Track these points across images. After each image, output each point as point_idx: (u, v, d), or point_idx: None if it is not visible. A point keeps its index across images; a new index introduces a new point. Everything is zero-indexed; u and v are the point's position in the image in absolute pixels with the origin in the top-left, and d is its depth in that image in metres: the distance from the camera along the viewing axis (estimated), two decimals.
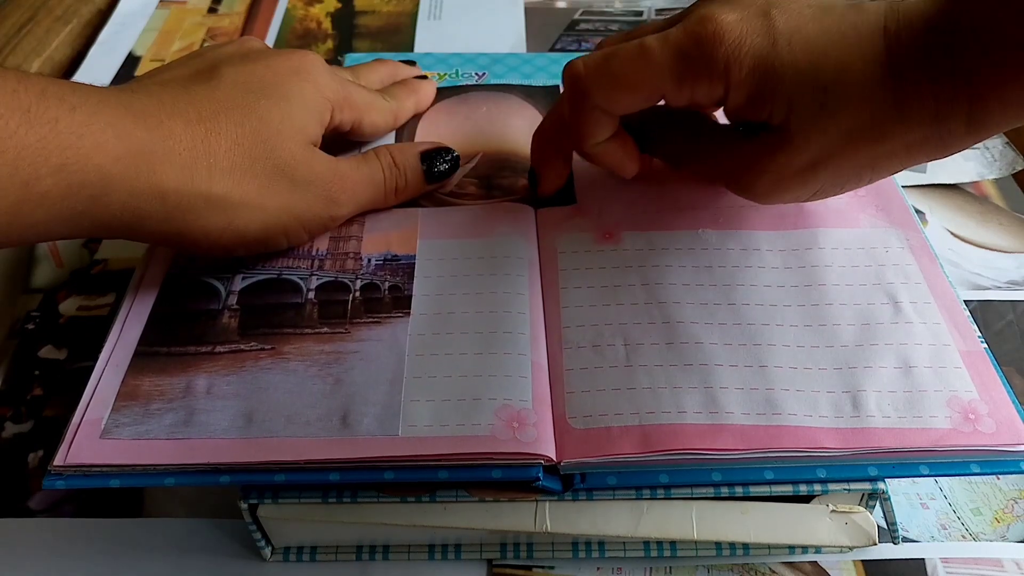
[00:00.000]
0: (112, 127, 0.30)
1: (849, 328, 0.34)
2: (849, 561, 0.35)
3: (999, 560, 0.35)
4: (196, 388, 0.33)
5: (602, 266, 0.37)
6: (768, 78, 0.31)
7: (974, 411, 0.32)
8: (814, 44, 0.30)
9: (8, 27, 0.63)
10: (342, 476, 0.31)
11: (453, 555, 0.35)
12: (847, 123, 0.30)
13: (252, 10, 0.67)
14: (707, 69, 0.31)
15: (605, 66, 0.33)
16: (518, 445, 0.31)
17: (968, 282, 0.46)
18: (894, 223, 0.39)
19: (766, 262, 0.37)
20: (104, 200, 0.30)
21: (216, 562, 0.35)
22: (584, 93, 0.34)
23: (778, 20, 0.31)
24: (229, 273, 0.37)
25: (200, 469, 0.30)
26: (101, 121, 0.30)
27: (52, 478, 0.30)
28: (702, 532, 0.33)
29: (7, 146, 0.27)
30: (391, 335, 0.35)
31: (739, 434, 0.31)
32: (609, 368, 0.33)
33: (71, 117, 0.29)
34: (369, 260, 0.38)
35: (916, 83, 0.29)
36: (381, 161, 0.39)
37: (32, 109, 0.28)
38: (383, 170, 0.39)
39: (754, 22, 0.31)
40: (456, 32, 0.64)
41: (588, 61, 0.34)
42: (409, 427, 0.31)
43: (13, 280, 0.47)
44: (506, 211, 0.40)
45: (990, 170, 0.53)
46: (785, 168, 0.33)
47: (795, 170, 0.32)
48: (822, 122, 0.31)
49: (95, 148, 0.29)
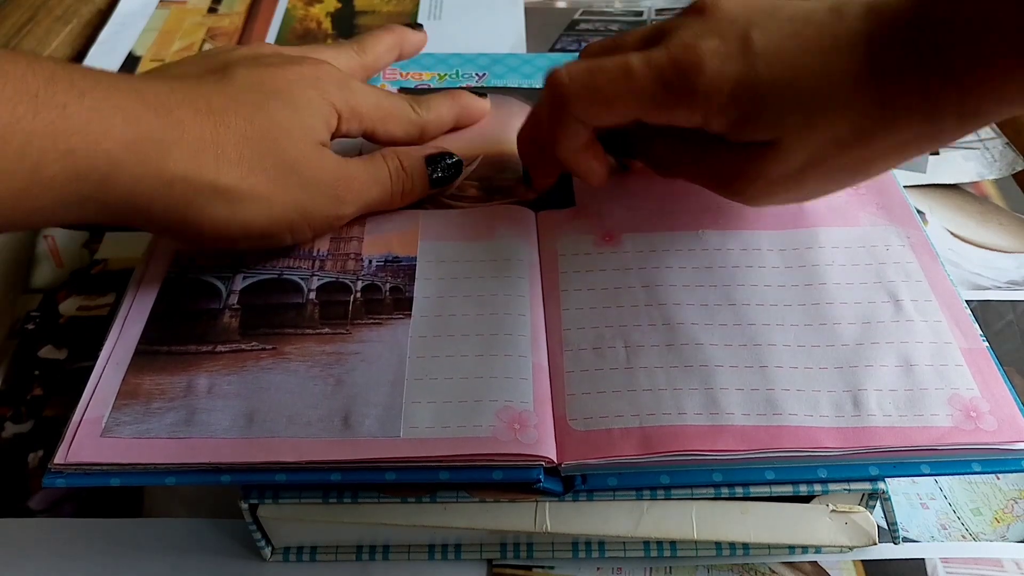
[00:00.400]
0: (121, 112, 0.30)
1: (850, 327, 0.34)
2: (849, 561, 0.35)
3: (999, 560, 0.35)
4: (197, 387, 0.33)
5: (602, 268, 0.37)
6: (749, 101, 0.31)
7: (976, 409, 0.32)
8: (793, 60, 0.31)
9: (8, 27, 0.63)
10: (343, 477, 0.31)
11: (453, 555, 0.35)
12: (831, 132, 0.31)
13: (252, 10, 0.67)
14: (687, 98, 0.32)
15: (588, 80, 0.33)
16: (519, 447, 0.31)
17: (968, 282, 0.46)
18: (894, 221, 0.39)
19: (766, 262, 0.37)
20: (111, 185, 0.30)
21: (216, 562, 0.35)
22: (563, 103, 0.34)
23: (757, 41, 0.31)
24: (230, 273, 0.37)
25: (201, 468, 0.30)
26: (110, 106, 0.30)
27: (52, 476, 0.30)
28: (702, 532, 0.33)
29: (15, 131, 0.27)
30: (392, 336, 0.35)
31: (740, 435, 0.31)
32: (610, 370, 0.33)
33: (80, 103, 0.29)
34: (370, 261, 0.38)
35: (901, 84, 0.29)
36: (388, 164, 0.39)
37: (40, 95, 0.28)
38: (390, 173, 0.39)
39: (733, 46, 0.31)
40: (456, 32, 0.64)
41: (572, 72, 0.34)
42: (410, 428, 0.31)
43: (13, 280, 0.47)
44: (506, 214, 0.40)
45: (990, 170, 0.53)
46: (773, 175, 0.33)
47: (783, 177, 0.33)
48: (806, 133, 0.31)
49: (103, 134, 0.30)
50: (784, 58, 0.31)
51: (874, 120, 0.30)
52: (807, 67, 0.30)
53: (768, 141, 0.32)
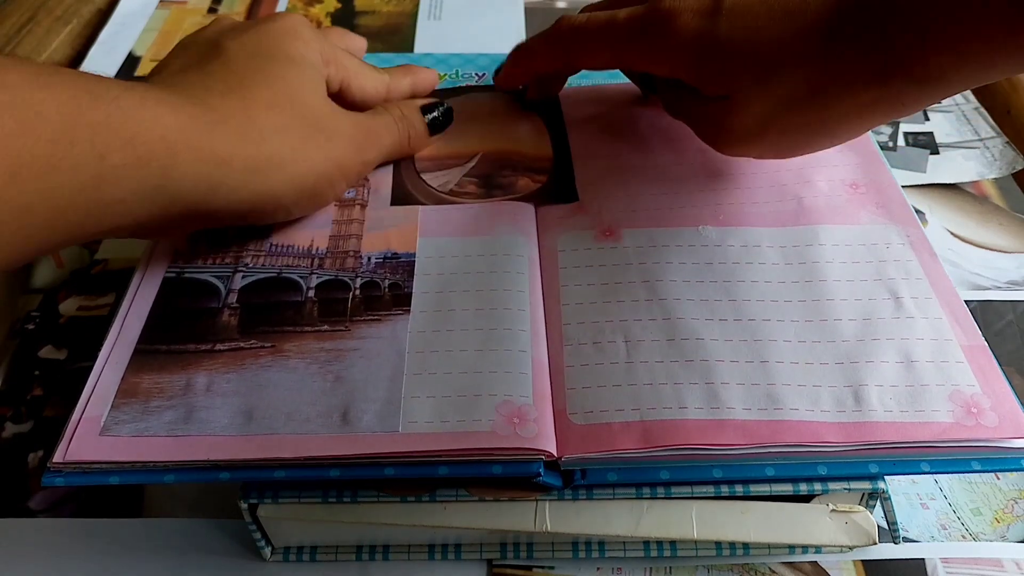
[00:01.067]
0: (163, 103, 0.31)
1: (850, 323, 0.34)
2: (849, 561, 0.35)
3: (999, 560, 0.35)
4: (196, 386, 0.33)
5: (602, 263, 0.37)
6: (709, 57, 0.34)
7: (976, 405, 0.32)
8: (754, 20, 0.33)
9: (8, 27, 0.63)
10: (342, 472, 0.31)
11: (453, 555, 0.35)
12: (783, 91, 0.33)
13: (252, 10, 0.67)
14: (657, 44, 0.35)
15: (581, 27, 0.38)
16: (519, 440, 0.30)
17: (968, 282, 0.46)
18: (894, 219, 0.39)
19: (766, 258, 0.37)
20: (174, 171, 0.31)
21: (216, 562, 0.35)
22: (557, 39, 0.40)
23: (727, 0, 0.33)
24: (229, 271, 0.37)
25: (200, 466, 0.30)
26: (153, 98, 0.31)
27: (51, 475, 0.30)
28: (702, 532, 0.33)
29: (79, 122, 0.28)
30: (391, 332, 0.34)
31: (740, 429, 0.31)
32: (610, 364, 0.33)
33: (129, 95, 0.30)
34: (369, 258, 0.38)
35: (855, 48, 0.31)
36: (391, 113, 0.41)
37: (95, 90, 0.29)
38: (394, 119, 0.41)
39: (706, 3, 0.34)
40: (456, 32, 0.64)
41: (573, 20, 0.39)
42: (410, 423, 0.31)
43: (13, 280, 0.47)
44: (506, 209, 0.40)
45: (990, 170, 0.53)
46: (735, 127, 0.35)
47: (744, 130, 0.35)
48: (758, 91, 0.33)
49: (155, 121, 0.30)
50: (747, 18, 0.33)
51: (826, 83, 0.32)
52: (765, 28, 0.33)
53: (725, 95, 0.35)
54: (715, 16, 0.33)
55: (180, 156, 0.31)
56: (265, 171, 0.34)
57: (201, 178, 0.32)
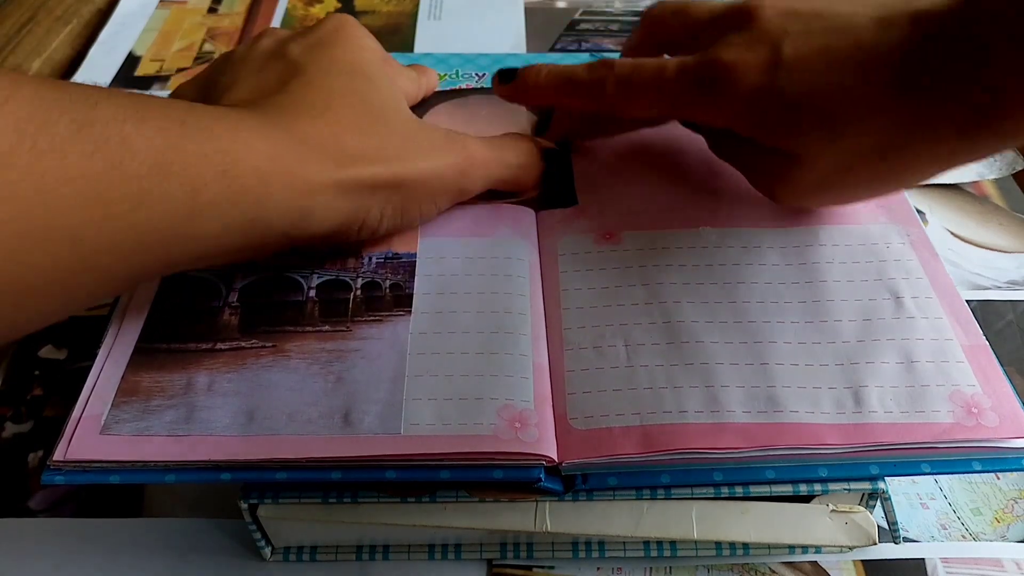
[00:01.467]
0: (254, 131, 0.30)
1: (850, 324, 0.34)
2: (849, 561, 0.35)
3: (999, 560, 0.35)
4: (197, 385, 0.33)
5: (603, 267, 0.37)
6: (769, 109, 0.32)
7: (977, 405, 0.32)
8: (818, 74, 0.31)
9: (8, 27, 0.63)
10: (344, 474, 0.31)
11: (453, 555, 0.35)
12: (854, 146, 0.31)
13: (252, 10, 0.67)
14: (714, 99, 0.33)
15: (626, 80, 0.35)
16: (521, 445, 0.30)
17: (968, 282, 0.46)
18: (894, 219, 0.39)
19: (767, 259, 0.37)
20: (268, 202, 0.30)
21: (216, 562, 0.35)
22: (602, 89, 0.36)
23: (786, 53, 0.31)
24: (229, 271, 0.37)
25: (201, 466, 0.30)
26: (244, 128, 0.30)
27: (51, 473, 0.30)
28: (702, 532, 0.33)
29: (171, 157, 0.27)
30: (392, 333, 0.34)
31: (741, 433, 0.31)
32: (610, 369, 0.33)
33: (221, 124, 0.29)
34: (370, 258, 0.38)
35: (932, 100, 0.29)
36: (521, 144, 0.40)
37: (187, 121, 0.28)
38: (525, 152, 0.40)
39: (763, 57, 0.32)
40: (456, 32, 0.64)
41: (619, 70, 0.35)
42: (411, 425, 0.31)
43: None
44: (507, 212, 0.40)
45: (990, 170, 0.53)
46: (799, 182, 0.34)
47: (809, 185, 0.34)
48: (826, 146, 0.32)
49: (247, 150, 0.29)
50: (810, 72, 0.31)
51: (904, 133, 0.30)
52: (829, 80, 0.30)
53: (789, 151, 0.33)
54: (776, 70, 0.31)
55: (273, 187, 0.30)
56: (356, 194, 0.33)
57: (293, 208, 0.31)
